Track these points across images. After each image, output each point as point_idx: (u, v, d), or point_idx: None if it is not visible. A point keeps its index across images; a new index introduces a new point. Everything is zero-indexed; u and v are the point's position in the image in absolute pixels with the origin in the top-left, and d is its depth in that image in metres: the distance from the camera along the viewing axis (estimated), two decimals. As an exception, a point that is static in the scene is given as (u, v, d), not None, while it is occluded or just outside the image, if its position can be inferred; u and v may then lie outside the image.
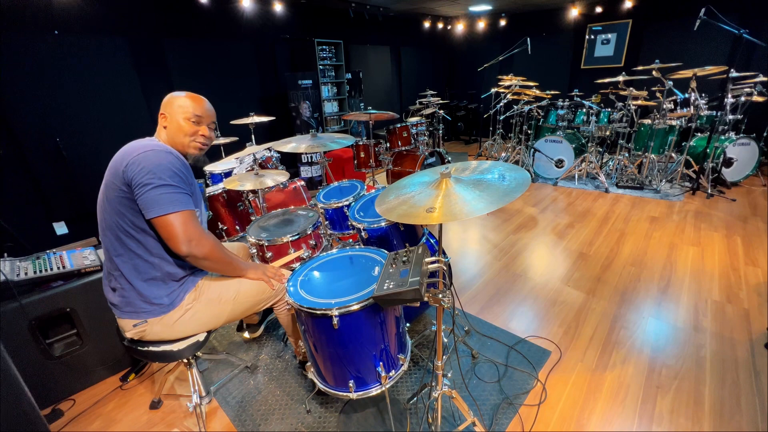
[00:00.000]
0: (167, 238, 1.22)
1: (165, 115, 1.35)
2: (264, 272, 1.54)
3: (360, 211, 1.89)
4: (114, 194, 1.21)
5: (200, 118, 1.37)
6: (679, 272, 2.63)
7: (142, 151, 1.21)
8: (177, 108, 1.34)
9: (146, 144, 1.25)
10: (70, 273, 1.75)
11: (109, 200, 1.23)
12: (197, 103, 1.37)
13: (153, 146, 1.24)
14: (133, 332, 1.32)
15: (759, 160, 4.18)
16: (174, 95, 1.37)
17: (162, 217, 1.19)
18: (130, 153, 1.21)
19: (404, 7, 6.19)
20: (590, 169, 4.70)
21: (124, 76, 3.74)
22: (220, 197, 2.81)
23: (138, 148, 1.22)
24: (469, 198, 1.12)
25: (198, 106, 1.37)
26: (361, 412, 1.67)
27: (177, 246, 1.22)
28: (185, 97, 1.36)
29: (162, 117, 1.36)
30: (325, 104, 5.62)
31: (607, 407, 1.64)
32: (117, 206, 1.22)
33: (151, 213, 1.18)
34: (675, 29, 5.46)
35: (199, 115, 1.36)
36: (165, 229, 1.21)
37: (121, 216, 1.22)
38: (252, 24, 4.78)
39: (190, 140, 1.36)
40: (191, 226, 1.23)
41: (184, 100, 1.35)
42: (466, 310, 2.31)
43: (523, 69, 6.54)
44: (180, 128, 1.34)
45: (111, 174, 1.23)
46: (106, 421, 1.73)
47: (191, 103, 1.35)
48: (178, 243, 1.21)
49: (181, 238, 1.21)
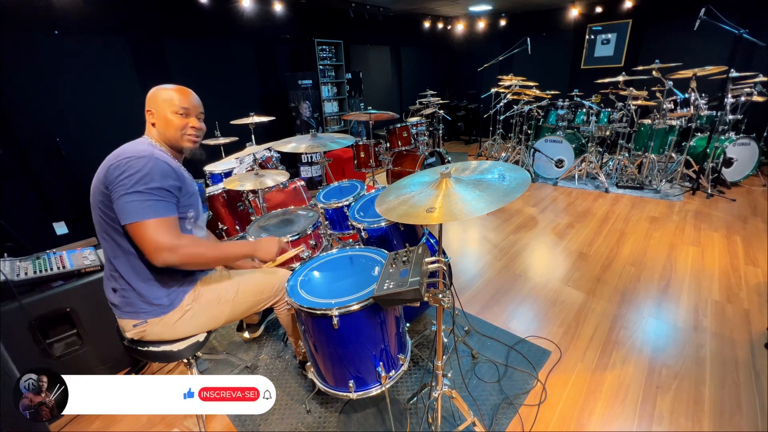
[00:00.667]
0: (141, 246, 1.16)
1: (151, 111, 1.30)
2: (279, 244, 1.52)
3: (360, 211, 1.89)
4: (99, 198, 1.19)
5: (187, 110, 1.31)
6: (679, 272, 2.63)
7: (123, 156, 1.16)
8: (162, 102, 1.29)
9: (132, 149, 1.20)
10: (70, 273, 1.75)
11: (96, 203, 1.21)
12: (183, 95, 1.31)
13: (138, 152, 1.18)
14: (134, 332, 1.32)
15: (759, 160, 4.19)
16: (158, 89, 1.31)
17: (134, 224, 1.13)
18: (115, 156, 1.18)
19: (404, 7, 6.19)
20: (590, 169, 4.70)
21: (124, 76, 3.74)
22: (220, 197, 2.81)
23: (121, 153, 1.18)
24: (469, 198, 1.12)
25: (184, 98, 1.31)
26: (361, 412, 1.67)
27: (150, 255, 1.15)
28: (170, 90, 1.30)
29: (149, 113, 1.31)
30: (325, 104, 5.61)
31: (607, 407, 1.64)
32: (104, 209, 1.19)
33: (123, 219, 1.14)
34: (675, 29, 5.46)
35: (186, 107, 1.31)
36: (138, 237, 1.15)
37: (111, 218, 1.19)
38: (252, 24, 4.77)
39: (181, 134, 1.32)
40: (167, 234, 1.15)
41: (169, 93, 1.30)
42: (466, 310, 2.31)
43: (523, 69, 6.52)
44: (169, 123, 1.29)
45: (96, 177, 1.20)
46: (106, 421, 1.73)
47: (177, 95, 1.30)
48: (151, 252, 1.15)
49: (154, 247, 1.13)
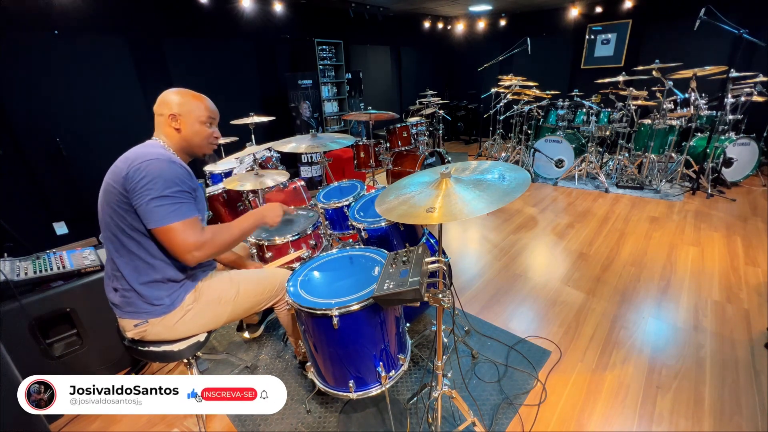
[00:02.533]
0: (170, 248, 1.21)
1: (178, 116, 1.31)
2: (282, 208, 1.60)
3: (360, 211, 1.89)
4: (114, 198, 1.20)
5: (213, 120, 1.38)
6: (679, 272, 2.63)
7: (144, 159, 1.18)
8: (195, 110, 1.32)
9: (150, 152, 1.22)
10: (70, 273, 1.75)
11: (109, 203, 1.22)
12: (210, 104, 1.37)
13: (157, 155, 1.21)
14: (134, 332, 1.32)
15: (759, 160, 4.19)
16: (186, 95, 1.33)
17: (163, 228, 1.17)
18: (133, 159, 1.19)
19: (404, 7, 6.19)
20: (590, 169, 4.70)
21: (124, 76, 3.74)
22: (220, 197, 2.82)
23: (141, 155, 1.20)
24: (469, 198, 1.12)
25: (212, 108, 1.38)
26: (361, 412, 1.67)
27: (182, 256, 1.21)
28: (199, 100, 1.35)
29: (172, 118, 1.31)
30: (325, 104, 5.61)
31: (607, 407, 1.64)
32: (117, 209, 1.20)
33: (151, 224, 1.17)
34: (675, 29, 5.46)
35: (213, 117, 1.38)
36: (167, 240, 1.19)
37: (122, 219, 1.21)
38: (252, 24, 4.78)
39: (207, 143, 1.38)
40: (193, 234, 1.21)
41: (199, 103, 1.34)
42: (466, 310, 2.31)
43: (523, 69, 6.53)
44: (198, 132, 1.34)
45: (111, 178, 1.21)
46: (106, 421, 1.73)
47: (207, 105, 1.36)
48: (182, 253, 1.20)
49: (184, 248, 1.19)
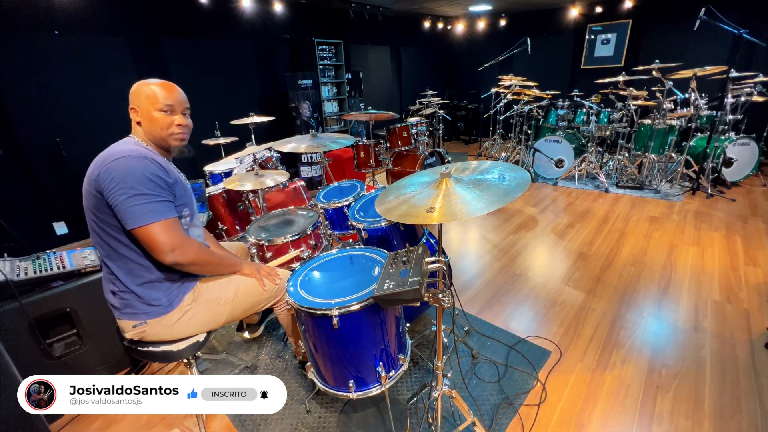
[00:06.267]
0: (149, 249, 1.19)
1: (135, 108, 1.25)
2: (258, 270, 1.53)
3: (360, 211, 1.89)
4: (93, 203, 1.17)
5: (172, 107, 1.26)
6: (679, 272, 2.63)
7: (113, 158, 1.14)
8: (145, 99, 1.23)
9: (120, 150, 1.18)
10: (70, 273, 1.75)
11: (90, 209, 1.19)
12: (167, 90, 1.25)
13: (126, 152, 1.17)
14: (133, 333, 1.31)
15: (759, 160, 4.19)
16: (140, 84, 1.25)
17: (141, 228, 1.14)
18: (103, 160, 1.15)
19: (404, 7, 6.19)
20: (590, 169, 4.70)
21: (124, 76, 3.73)
22: (220, 197, 2.82)
23: (110, 155, 1.15)
24: (469, 198, 1.12)
25: (168, 94, 1.25)
26: (361, 412, 1.67)
27: (161, 256, 1.19)
28: (152, 86, 1.24)
29: (132, 111, 1.26)
30: (325, 104, 5.61)
31: (607, 407, 1.64)
32: (98, 214, 1.18)
33: (129, 224, 1.14)
34: (675, 29, 5.46)
35: (170, 104, 1.25)
36: (146, 240, 1.17)
37: (105, 223, 1.18)
38: (252, 24, 4.77)
39: (167, 133, 1.27)
40: (172, 235, 1.19)
41: (152, 89, 1.23)
42: (466, 310, 2.31)
43: (523, 69, 6.54)
44: (153, 121, 1.24)
45: (87, 182, 1.18)
46: (106, 421, 1.73)
47: (160, 91, 1.24)
48: (161, 253, 1.18)
49: (163, 248, 1.17)
